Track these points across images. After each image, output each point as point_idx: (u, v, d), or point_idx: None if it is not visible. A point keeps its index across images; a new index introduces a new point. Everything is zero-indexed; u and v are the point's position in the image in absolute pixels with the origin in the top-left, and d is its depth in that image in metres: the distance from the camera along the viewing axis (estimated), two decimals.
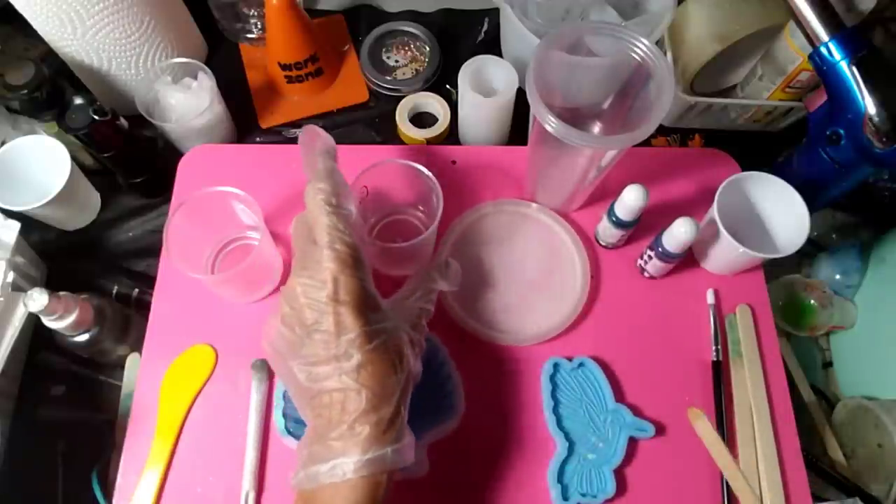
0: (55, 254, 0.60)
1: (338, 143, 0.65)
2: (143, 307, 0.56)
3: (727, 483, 0.48)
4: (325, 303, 0.35)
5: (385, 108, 0.68)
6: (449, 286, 0.47)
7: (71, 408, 0.54)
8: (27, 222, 0.55)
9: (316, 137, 0.45)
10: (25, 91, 0.55)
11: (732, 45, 0.59)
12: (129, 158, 0.59)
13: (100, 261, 0.61)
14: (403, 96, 0.66)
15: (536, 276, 0.55)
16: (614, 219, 0.52)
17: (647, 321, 0.54)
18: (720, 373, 0.51)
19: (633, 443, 0.49)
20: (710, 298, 0.54)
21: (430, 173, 0.48)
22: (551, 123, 0.42)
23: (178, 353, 0.51)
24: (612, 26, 0.46)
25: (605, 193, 0.57)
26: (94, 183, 0.61)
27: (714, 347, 0.52)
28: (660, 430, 0.50)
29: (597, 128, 0.54)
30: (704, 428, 0.49)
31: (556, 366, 0.51)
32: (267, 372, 0.50)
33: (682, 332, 0.54)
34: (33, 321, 0.55)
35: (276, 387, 0.50)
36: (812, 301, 0.58)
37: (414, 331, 0.41)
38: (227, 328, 0.52)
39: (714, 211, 0.50)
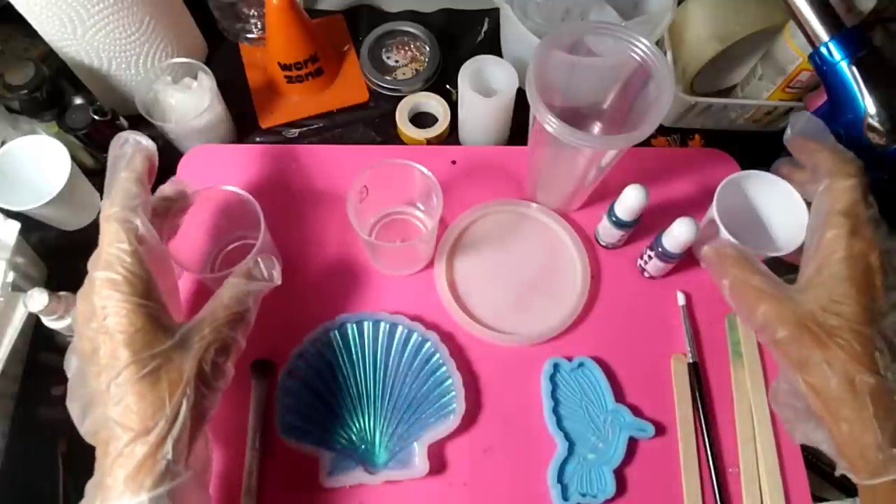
0: (55, 254, 0.60)
1: (338, 143, 0.66)
2: None
3: (721, 482, 0.48)
4: (95, 333, 0.35)
5: (385, 108, 0.68)
6: (266, 285, 0.43)
7: None
8: (27, 222, 0.55)
9: (125, 147, 0.42)
10: (25, 91, 0.55)
11: (732, 45, 0.59)
12: None
13: None
14: (403, 96, 0.66)
15: (536, 276, 0.55)
16: (614, 219, 0.52)
17: (648, 321, 0.54)
18: (698, 374, 0.52)
19: (633, 443, 0.49)
20: (681, 300, 0.54)
21: (430, 173, 0.48)
22: (551, 123, 0.42)
23: None
24: (612, 26, 0.46)
25: (605, 193, 0.57)
26: (94, 183, 0.61)
27: (688, 350, 0.52)
28: (660, 430, 0.50)
29: (597, 128, 0.54)
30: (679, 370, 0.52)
31: (556, 366, 0.51)
32: (267, 371, 0.50)
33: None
34: (33, 321, 0.55)
35: (276, 386, 0.50)
36: None
37: (216, 352, 0.38)
38: None
39: (713, 210, 0.50)
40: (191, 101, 0.61)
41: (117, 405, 0.34)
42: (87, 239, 0.61)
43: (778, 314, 0.39)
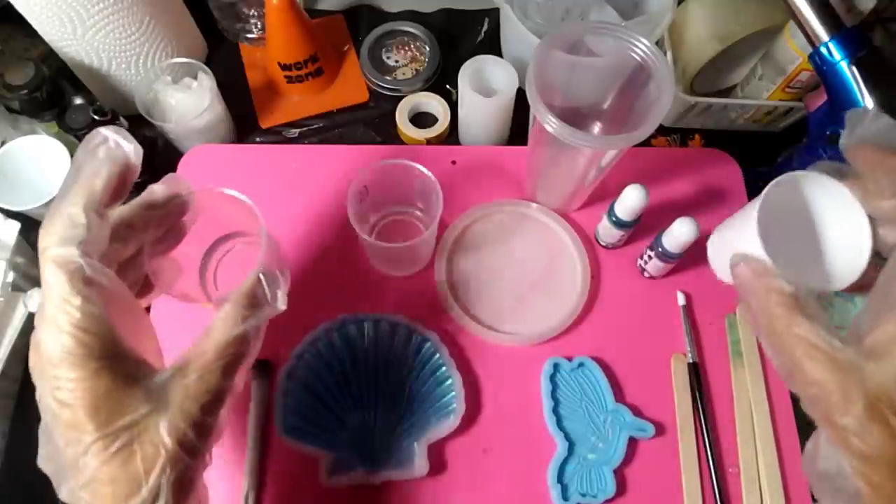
0: None
1: (338, 143, 0.66)
2: None
3: (721, 482, 0.48)
4: (51, 399, 0.28)
5: (385, 108, 0.68)
6: (269, 312, 0.35)
7: None
8: (27, 222, 0.55)
9: (99, 149, 0.32)
10: (25, 91, 0.55)
11: (732, 45, 0.59)
12: None
13: None
14: (403, 96, 0.66)
15: (536, 276, 0.55)
16: (614, 219, 0.52)
17: (648, 321, 0.54)
18: (698, 374, 0.52)
19: (633, 443, 0.49)
20: (681, 300, 0.54)
21: (430, 173, 0.48)
22: (551, 123, 0.42)
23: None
24: (612, 26, 0.46)
25: (605, 193, 0.57)
26: None
27: (688, 350, 0.52)
28: (660, 430, 0.50)
29: (597, 128, 0.54)
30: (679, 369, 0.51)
31: (556, 366, 0.51)
32: (267, 372, 0.50)
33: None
34: (33, 321, 0.55)
35: (276, 387, 0.50)
36: None
37: (204, 409, 0.31)
38: None
39: (753, 225, 0.34)
40: (191, 101, 0.61)
41: (86, 487, 0.28)
42: None
43: (841, 388, 0.28)
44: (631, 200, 0.49)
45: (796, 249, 0.37)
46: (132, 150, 0.33)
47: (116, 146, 0.33)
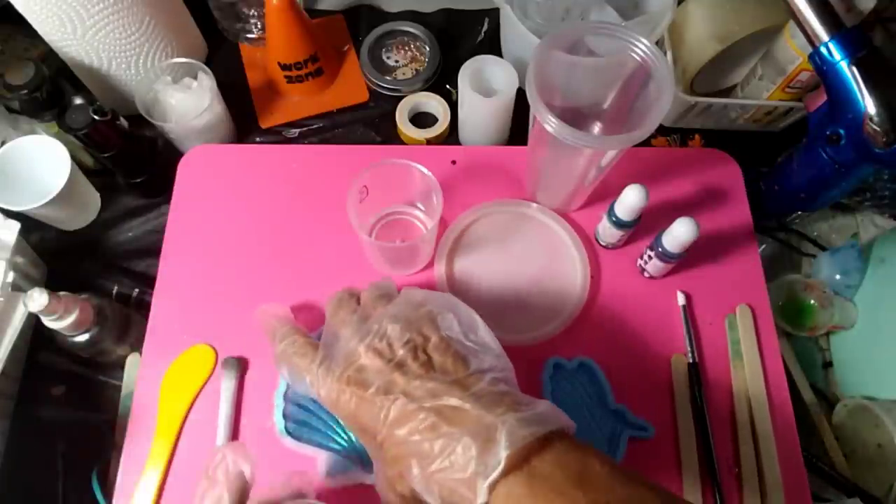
0: (55, 254, 0.60)
1: (338, 143, 0.66)
2: (143, 307, 0.56)
3: (721, 482, 0.48)
4: None
5: (385, 108, 0.68)
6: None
7: (71, 408, 0.54)
8: (27, 222, 0.55)
9: (218, 470, 0.37)
10: (25, 91, 0.55)
11: (732, 45, 0.59)
12: (129, 158, 0.59)
13: (100, 261, 0.61)
14: (403, 96, 0.66)
15: (536, 276, 0.55)
16: (614, 219, 0.52)
17: (648, 321, 0.54)
18: (698, 374, 0.52)
19: (633, 443, 0.49)
20: (681, 300, 0.54)
21: (430, 173, 0.48)
22: (551, 123, 0.42)
23: (178, 353, 0.51)
24: (612, 26, 0.46)
25: (605, 193, 0.57)
26: (94, 183, 0.62)
27: (688, 350, 0.52)
28: (660, 430, 0.50)
29: (597, 128, 0.54)
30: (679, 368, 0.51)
31: (556, 366, 0.51)
32: (238, 370, 0.50)
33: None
34: (33, 321, 0.55)
35: (276, 386, 0.49)
36: (812, 301, 0.58)
37: None
38: (227, 328, 0.52)
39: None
40: (191, 101, 0.61)
41: None
42: (87, 239, 0.62)
43: None
44: (631, 200, 0.49)
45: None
46: (248, 469, 0.37)
47: (235, 469, 0.36)
